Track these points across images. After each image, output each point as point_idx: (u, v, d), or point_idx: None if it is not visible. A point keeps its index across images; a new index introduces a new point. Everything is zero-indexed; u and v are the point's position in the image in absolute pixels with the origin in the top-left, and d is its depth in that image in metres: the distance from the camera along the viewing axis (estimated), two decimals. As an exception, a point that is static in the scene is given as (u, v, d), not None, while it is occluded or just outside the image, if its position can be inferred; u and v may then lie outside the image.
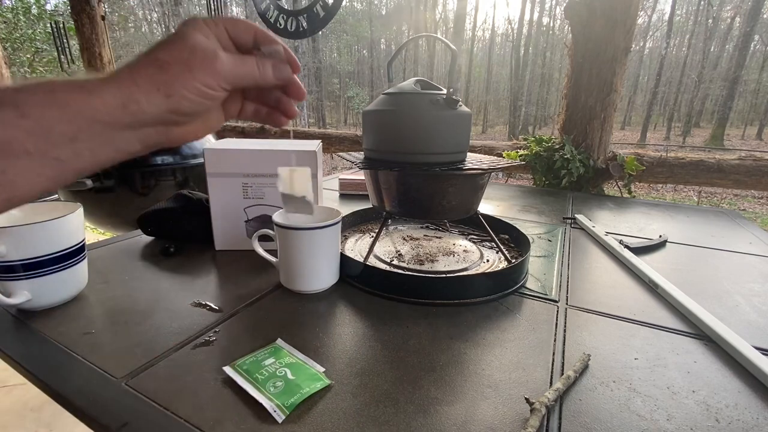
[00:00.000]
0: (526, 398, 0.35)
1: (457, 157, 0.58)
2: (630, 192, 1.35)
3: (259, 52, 0.30)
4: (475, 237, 0.75)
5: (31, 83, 0.22)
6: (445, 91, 0.56)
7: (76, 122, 0.22)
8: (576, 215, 0.90)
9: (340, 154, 0.78)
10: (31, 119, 0.21)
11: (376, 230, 0.63)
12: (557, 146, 1.37)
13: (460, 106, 0.56)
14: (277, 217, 0.53)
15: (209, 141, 1.66)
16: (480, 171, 0.56)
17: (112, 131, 0.24)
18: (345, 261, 0.57)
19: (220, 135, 2.09)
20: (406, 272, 0.59)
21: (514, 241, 0.71)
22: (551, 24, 21.75)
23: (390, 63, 0.64)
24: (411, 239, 0.72)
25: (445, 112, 0.54)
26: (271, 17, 2.15)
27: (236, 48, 0.30)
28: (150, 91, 0.24)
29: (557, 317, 0.50)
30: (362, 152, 0.65)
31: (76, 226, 0.49)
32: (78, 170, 0.24)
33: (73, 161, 0.23)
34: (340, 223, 0.54)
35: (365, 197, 1.05)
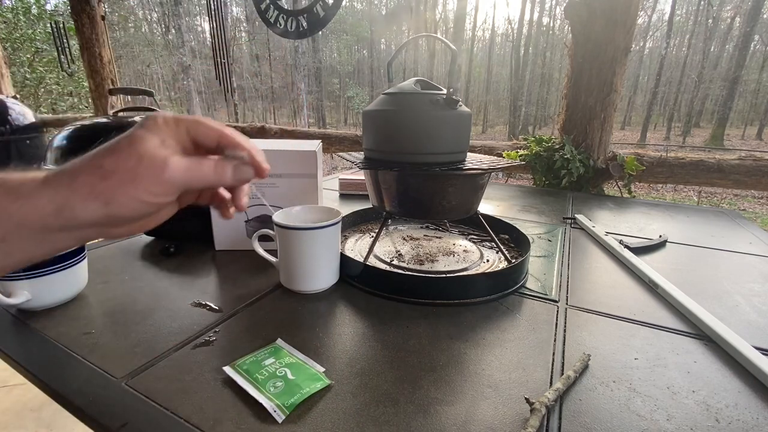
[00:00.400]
0: (526, 398, 0.35)
1: (457, 157, 0.58)
2: (630, 192, 1.35)
3: (223, 156, 0.29)
4: (475, 237, 0.75)
5: None
6: (445, 91, 0.56)
7: (5, 226, 0.22)
8: (576, 215, 0.90)
9: (340, 154, 0.78)
10: None
11: (376, 230, 0.63)
12: (557, 146, 1.37)
13: (460, 106, 0.56)
14: (277, 217, 0.53)
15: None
16: (480, 171, 0.56)
17: (44, 234, 0.23)
18: (345, 261, 0.57)
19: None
20: (406, 272, 0.59)
21: (514, 241, 0.71)
22: (551, 24, 21.76)
23: (390, 63, 0.64)
24: (411, 239, 0.72)
25: (445, 112, 0.55)
26: (271, 17, 2.15)
27: (198, 148, 0.28)
28: (87, 198, 0.23)
29: (557, 317, 0.50)
30: (362, 152, 0.65)
31: (76, 226, 0.49)
32: (9, 267, 0.24)
33: (2, 259, 0.23)
34: (340, 223, 0.54)
35: (365, 197, 1.05)
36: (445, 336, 0.45)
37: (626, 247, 0.71)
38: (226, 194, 0.33)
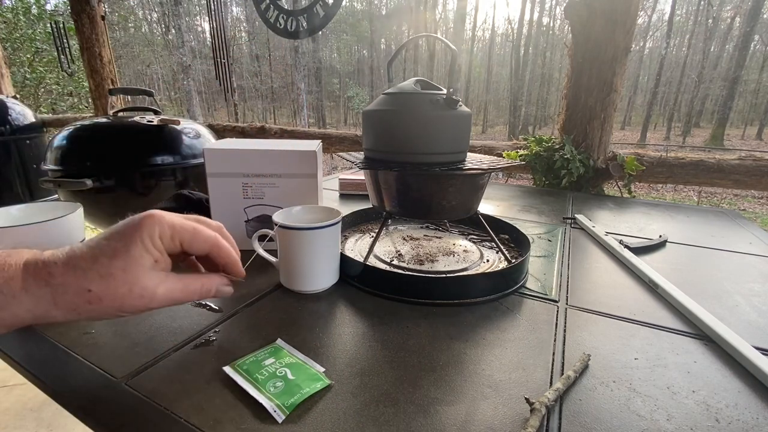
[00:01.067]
0: (526, 398, 0.35)
1: (458, 157, 0.58)
2: (630, 192, 1.35)
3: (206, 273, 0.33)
4: (475, 237, 0.75)
5: None
6: (445, 91, 0.56)
7: None
8: (576, 215, 0.90)
9: (340, 154, 0.78)
10: None
11: (376, 230, 0.63)
12: (557, 146, 1.37)
13: (460, 106, 0.56)
14: (277, 217, 0.53)
15: (209, 141, 1.66)
16: (480, 171, 0.56)
17: (15, 321, 0.24)
18: (345, 261, 0.57)
19: (220, 135, 2.09)
20: (406, 272, 0.59)
21: (514, 241, 0.71)
22: (551, 24, 21.76)
23: (390, 63, 0.64)
24: (411, 239, 0.72)
25: (445, 112, 0.54)
26: (271, 17, 2.15)
27: (191, 254, 0.31)
28: (68, 314, 0.25)
29: (557, 317, 0.50)
30: (362, 152, 0.65)
31: (76, 226, 0.49)
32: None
33: None
34: (340, 223, 0.54)
35: (365, 197, 1.05)
36: (445, 336, 0.45)
37: (626, 247, 0.71)
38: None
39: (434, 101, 0.55)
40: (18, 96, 2.60)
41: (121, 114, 1.60)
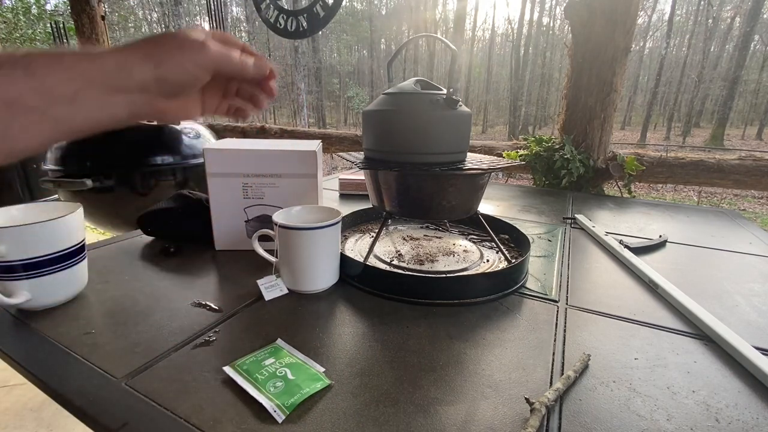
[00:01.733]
0: (526, 398, 0.35)
1: (458, 157, 0.58)
2: (630, 192, 1.35)
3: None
4: (475, 237, 0.75)
5: (40, 50, 0.24)
6: (445, 91, 0.56)
7: (76, 84, 0.25)
8: (576, 215, 0.90)
9: (340, 154, 0.78)
10: (37, 79, 0.23)
11: (376, 230, 0.63)
12: (557, 146, 1.37)
13: (460, 106, 0.56)
14: (277, 217, 0.53)
15: (209, 141, 1.66)
16: (480, 171, 0.56)
17: (106, 95, 0.26)
18: (345, 261, 0.57)
19: (220, 135, 2.09)
20: (406, 272, 0.59)
21: (514, 241, 0.71)
22: (551, 24, 21.76)
23: (390, 63, 0.65)
24: (411, 239, 0.72)
25: (445, 112, 0.54)
26: (271, 17, 2.15)
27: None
28: (143, 59, 0.27)
29: (557, 317, 0.50)
30: (362, 152, 0.65)
31: (76, 226, 0.49)
32: (71, 130, 0.26)
33: (68, 121, 0.25)
34: (340, 223, 0.54)
35: (365, 197, 1.05)
36: (445, 336, 0.45)
37: (626, 247, 0.71)
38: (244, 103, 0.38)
39: (434, 101, 0.55)
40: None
41: (121, 114, 1.60)
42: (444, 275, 0.54)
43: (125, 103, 0.28)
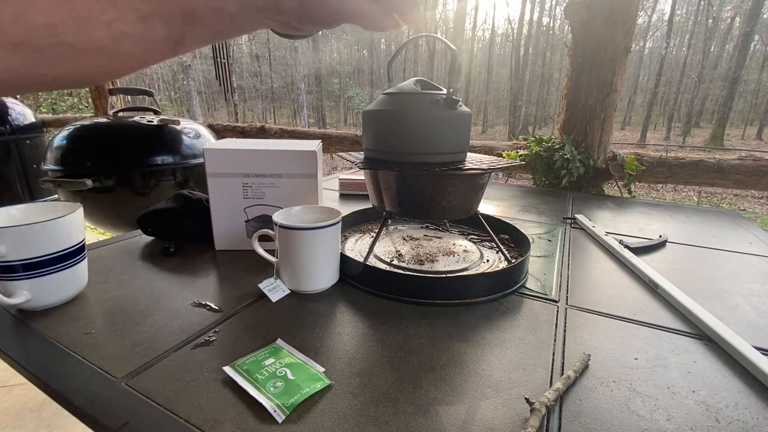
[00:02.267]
0: (526, 398, 0.35)
1: (458, 157, 0.58)
2: (630, 192, 1.35)
3: None
4: (475, 237, 0.75)
5: None
6: (445, 91, 0.56)
7: (240, 4, 0.26)
8: (576, 215, 0.90)
9: (340, 154, 0.78)
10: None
11: (376, 230, 0.63)
12: (557, 146, 1.37)
13: (460, 106, 0.56)
14: (277, 217, 0.53)
15: (209, 141, 1.66)
16: (480, 171, 0.56)
17: (256, 16, 0.27)
18: (345, 261, 0.57)
19: (220, 135, 2.09)
20: (406, 272, 0.59)
21: (514, 241, 0.71)
22: (551, 24, 21.76)
23: (390, 63, 0.64)
24: (411, 239, 0.72)
25: (445, 112, 0.54)
26: (271, 17, 2.14)
27: None
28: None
29: (557, 317, 0.50)
30: (362, 152, 0.65)
31: (76, 226, 0.49)
32: (223, 38, 0.28)
33: (225, 34, 0.28)
34: (340, 223, 0.55)
35: (365, 197, 1.05)
36: (445, 336, 0.45)
37: (626, 247, 0.71)
38: None
39: (434, 101, 0.55)
40: (18, 96, 2.60)
41: (121, 114, 1.60)
42: (444, 275, 0.54)
43: (269, 23, 0.29)
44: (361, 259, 0.60)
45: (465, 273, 0.59)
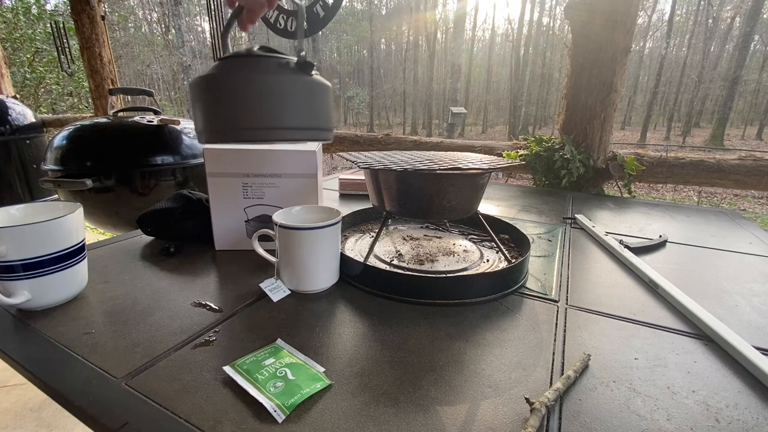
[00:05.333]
0: (526, 398, 0.35)
1: (317, 135, 0.46)
2: (630, 192, 1.35)
3: None
4: (475, 237, 0.75)
5: None
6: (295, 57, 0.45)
7: None
8: (576, 215, 0.90)
9: (340, 154, 0.78)
10: None
11: (376, 230, 0.63)
12: (557, 146, 1.37)
13: (316, 73, 0.46)
14: (277, 217, 0.53)
15: (209, 141, 1.65)
16: (480, 171, 0.56)
17: None
18: (345, 261, 0.57)
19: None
20: (406, 272, 0.59)
21: (514, 241, 0.71)
22: (551, 24, 21.76)
23: (225, 34, 0.49)
24: (411, 239, 0.72)
25: (296, 76, 0.44)
26: (271, 17, 2.15)
27: None
28: None
29: (557, 317, 0.50)
30: (362, 152, 0.65)
31: (76, 226, 0.49)
32: None
33: None
34: (340, 223, 0.54)
35: (365, 197, 1.05)
36: (445, 336, 0.45)
37: (626, 247, 0.71)
38: None
39: (282, 64, 0.44)
40: (18, 96, 2.60)
41: (121, 114, 1.60)
42: (444, 275, 0.54)
43: None
44: (361, 259, 0.60)
45: (465, 273, 0.59)
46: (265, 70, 0.43)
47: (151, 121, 1.52)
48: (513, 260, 0.61)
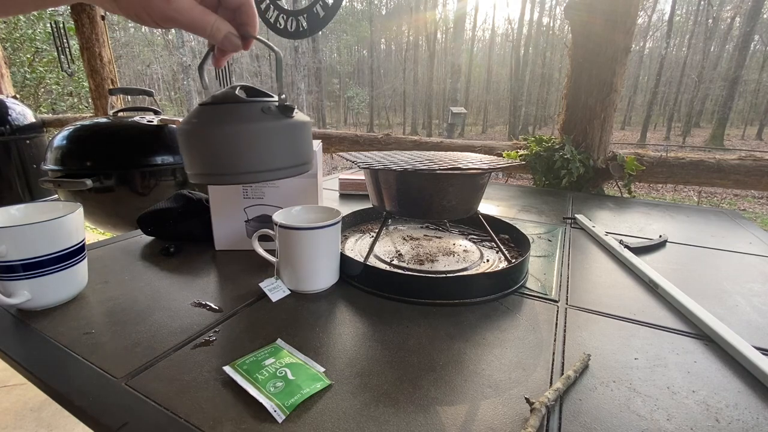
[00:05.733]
0: (526, 398, 0.35)
1: (302, 170, 0.49)
2: (630, 192, 1.35)
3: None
4: (475, 237, 0.75)
5: None
6: (276, 98, 0.47)
7: None
8: (576, 215, 0.90)
9: (340, 154, 0.78)
10: None
11: (376, 230, 0.63)
12: (557, 146, 1.37)
13: (297, 113, 0.47)
14: (277, 217, 0.53)
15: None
16: (480, 171, 0.56)
17: None
18: (345, 261, 0.57)
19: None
20: (406, 272, 0.59)
21: (514, 241, 0.71)
22: (551, 24, 21.76)
23: (201, 66, 0.47)
24: (411, 239, 0.72)
25: (280, 121, 0.45)
26: (271, 17, 2.15)
27: (221, 3, 0.35)
28: None
29: (557, 317, 0.50)
30: (362, 152, 0.65)
31: (76, 226, 0.49)
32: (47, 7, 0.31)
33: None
34: (340, 223, 0.54)
35: (365, 197, 1.05)
36: (445, 336, 0.45)
37: (626, 247, 0.71)
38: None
39: (266, 109, 0.45)
40: (18, 96, 2.60)
41: (121, 114, 1.60)
42: (444, 275, 0.54)
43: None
44: (361, 259, 0.60)
45: (465, 273, 0.59)
46: (247, 119, 0.44)
47: (151, 121, 1.52)
48: (513, 260, 0.61)
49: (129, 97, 2.76)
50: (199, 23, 0.32)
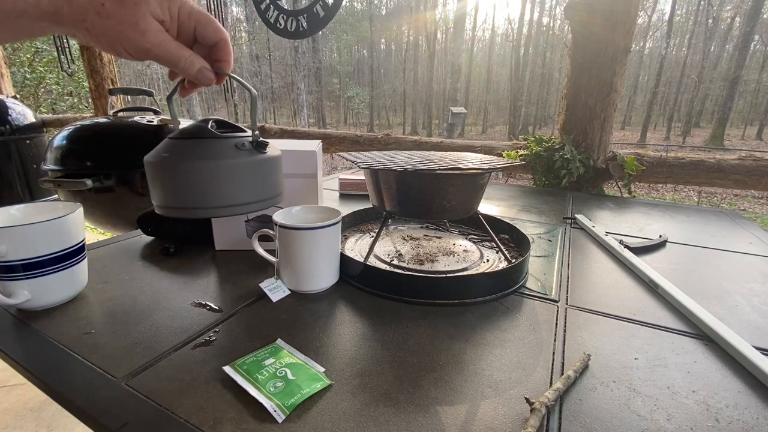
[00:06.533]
0: (526, 398, 0.35)
1: (273, 203, 0.49)
2: (630, 192, 1.35)
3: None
4: (475, 237, 0.75)
5: None
6: (249, 133, 0.48)
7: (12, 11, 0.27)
8: (576, 215, 0.90)
9: (340, 154, 0.78)
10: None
11: (376, 230, 0.63)
12: (557, 146, 1.37)
13: (269, 147, 0.48)
14: (277, 217, 0.53)
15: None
16: (480, 171, 0.56)
17: (37, 22, 0.28)
18: (345, 261, 0.57)
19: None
20: (406, 272, 0.59)
21: (514, 241, 0.71)
22: (551, 24, 21.76)
23: (170, 98, 0.47)
24: (411, 239, 0.72)
25: (254, 157, 0.46)
26: (271, 17, 2.15)
27: (197, 39, 0.35)
28: (76, 16, 0.28)
29: (557, 317, 0.50)
30: (362, 152, 0.65)
31: (76, 226, 0.49)
32: (26, 36, 0.29)
33: (24, 32, 0.28)
34: (340, 223, 0.54)
35: (365, 197, 1.05)
36: (445, 336, 0.45)
37: (626, 247, 0.71)
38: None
39: (241, 145, 0.45)
40: (18, 96, 2.60)
41: (121, 114, 1.60)
42: (444, 275, 0.54)
43: (56, 30, 0.29)
44: (361, 259, 0.60)
45: (465, 273, 0.59)
46: (223, 155, 0.44)
47: (151, 121, 1.52)
48: (513, 260, 0.61)
49: (129, 97, 2.76)
50: (173, 57, 0.33)
